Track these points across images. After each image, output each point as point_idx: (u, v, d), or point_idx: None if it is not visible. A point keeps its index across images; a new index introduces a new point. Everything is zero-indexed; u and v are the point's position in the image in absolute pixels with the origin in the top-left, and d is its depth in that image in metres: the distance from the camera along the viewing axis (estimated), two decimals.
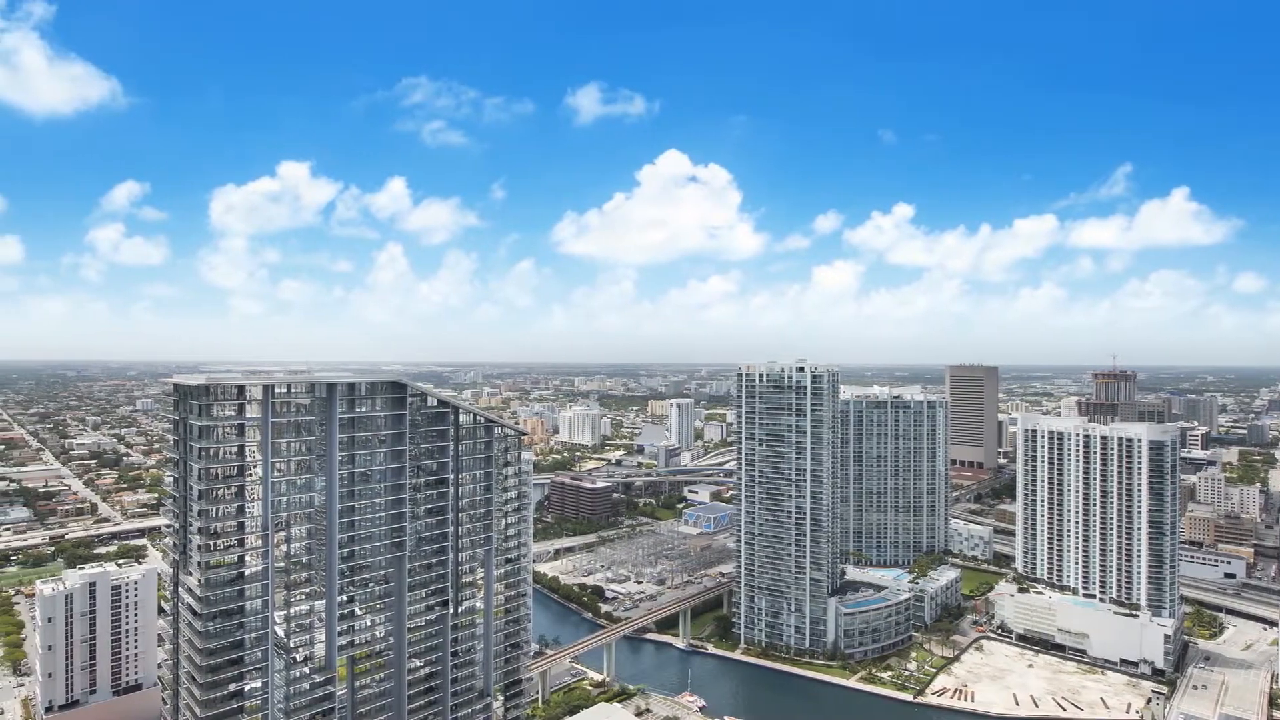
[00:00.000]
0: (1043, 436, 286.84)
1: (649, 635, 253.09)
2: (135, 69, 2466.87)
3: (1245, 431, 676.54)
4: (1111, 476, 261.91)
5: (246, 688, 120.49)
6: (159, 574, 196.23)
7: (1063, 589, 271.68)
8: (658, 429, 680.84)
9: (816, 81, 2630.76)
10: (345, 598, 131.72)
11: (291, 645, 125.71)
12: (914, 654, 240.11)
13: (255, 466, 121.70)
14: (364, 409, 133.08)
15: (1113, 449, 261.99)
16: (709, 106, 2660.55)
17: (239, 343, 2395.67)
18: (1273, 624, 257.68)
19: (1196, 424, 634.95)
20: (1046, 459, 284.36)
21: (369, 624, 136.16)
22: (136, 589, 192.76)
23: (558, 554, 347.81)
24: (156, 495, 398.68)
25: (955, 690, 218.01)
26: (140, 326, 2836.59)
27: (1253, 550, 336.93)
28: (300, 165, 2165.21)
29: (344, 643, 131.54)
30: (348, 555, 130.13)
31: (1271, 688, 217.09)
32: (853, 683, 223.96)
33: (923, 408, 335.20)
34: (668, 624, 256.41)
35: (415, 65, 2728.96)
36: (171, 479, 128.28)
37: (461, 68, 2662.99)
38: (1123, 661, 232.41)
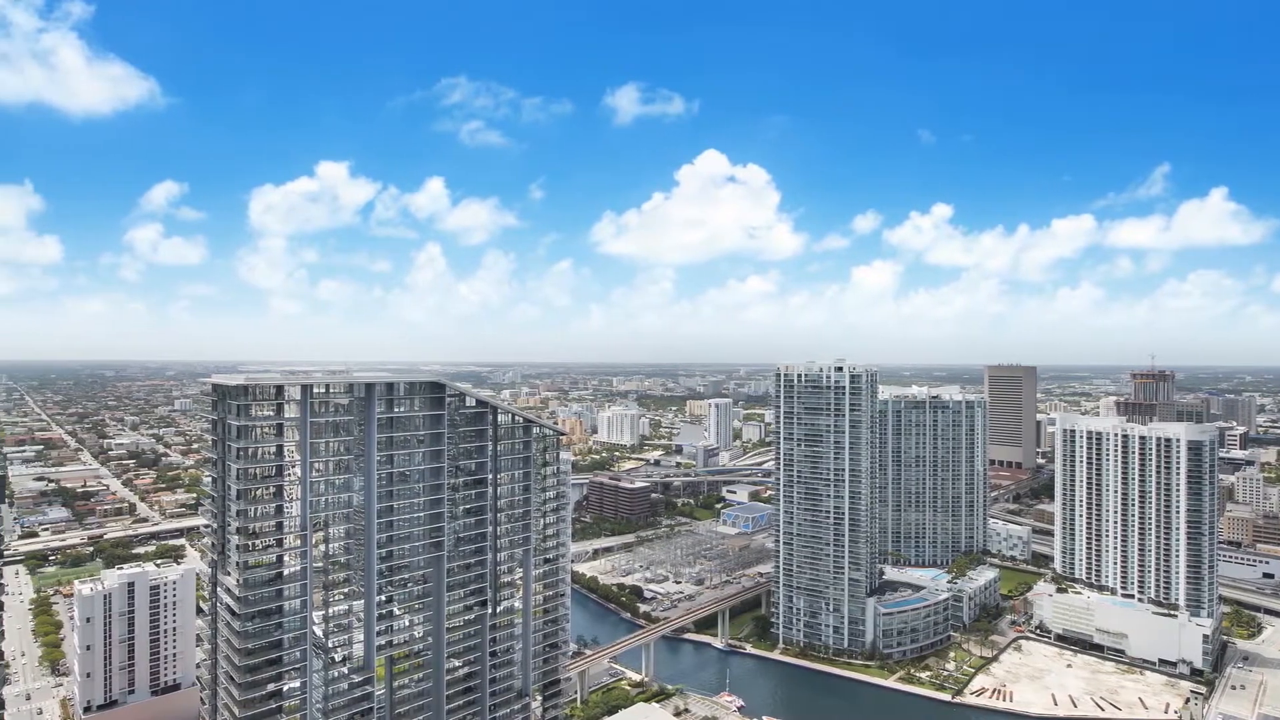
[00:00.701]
0: (1081, 436, 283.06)
1: (687, 635, 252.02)
2: (173, 69, 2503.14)
3: None
4: (1150, 476, 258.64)
5: (285, 688, 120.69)
6: (197, 574, 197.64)
7: (1101, 589, 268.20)
8: (696, 429, 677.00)
9: (854, 81, 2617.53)
10: (384, 598, 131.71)
11: (330, 645, 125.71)
12: (952, 654, 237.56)
13: (294, 466, 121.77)
14: (402, 409, 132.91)
15: (1151, 449, 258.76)
16: (747, 107, 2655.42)
17: (278, 343, 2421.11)
18: None
19: (1235, 424, 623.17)
20: (1085, 459, 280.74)
21: (407, 624, 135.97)
22: (175, 589, 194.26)
23: (596, 554, 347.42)
24: (195, 495, 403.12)
25: (994, 690, 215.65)
26: (179, 326, 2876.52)
27: None
28: (339, 165, 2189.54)
29: (382, 643, 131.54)
30: (386, 555, 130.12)
31: None
32: (891, 683, 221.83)
33: (961, 408, 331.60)
34: (706, 624, 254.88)
35: (454, 65, 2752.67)
36: (210, 479, 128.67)
37: (500, 68, 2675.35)
38: (1161, 661, 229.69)
